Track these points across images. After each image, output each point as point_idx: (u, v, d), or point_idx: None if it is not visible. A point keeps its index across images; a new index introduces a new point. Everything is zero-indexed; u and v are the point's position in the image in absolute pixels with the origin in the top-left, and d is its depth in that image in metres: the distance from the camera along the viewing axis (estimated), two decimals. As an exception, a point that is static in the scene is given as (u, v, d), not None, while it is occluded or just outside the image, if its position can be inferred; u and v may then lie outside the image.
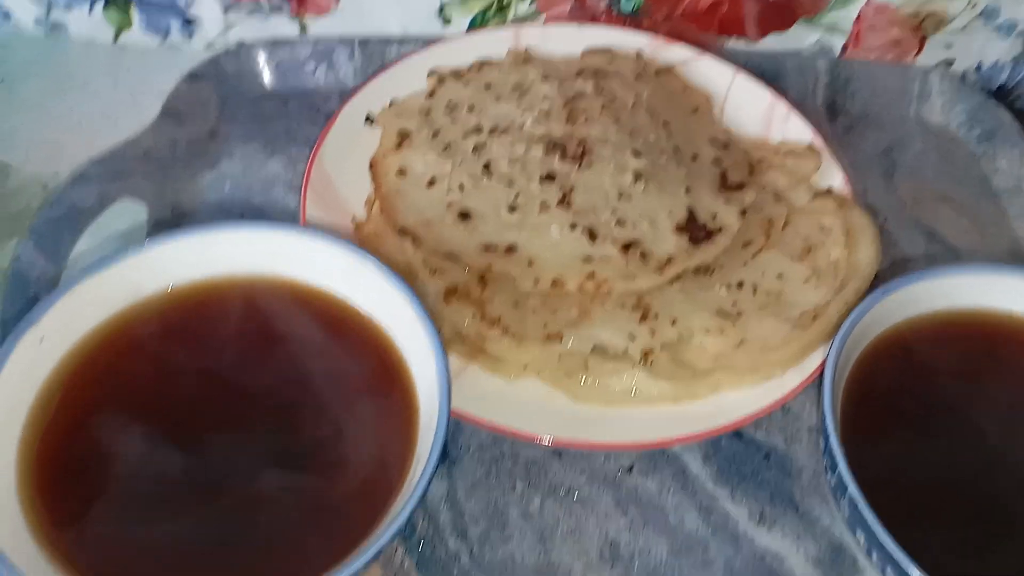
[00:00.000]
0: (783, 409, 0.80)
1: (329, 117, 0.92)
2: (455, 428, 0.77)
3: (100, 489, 0.62)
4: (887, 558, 0.58)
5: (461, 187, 0.83)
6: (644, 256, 0.79)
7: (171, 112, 0.96)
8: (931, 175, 1.00)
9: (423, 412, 0.66)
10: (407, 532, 0.71)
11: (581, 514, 0.73)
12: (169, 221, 0.88)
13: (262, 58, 1.02)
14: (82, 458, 0.64)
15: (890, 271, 0.89)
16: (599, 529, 0.72)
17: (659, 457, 0.76)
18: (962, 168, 1.01)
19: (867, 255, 0.83)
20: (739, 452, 0.77)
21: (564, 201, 0.82)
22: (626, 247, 0.79)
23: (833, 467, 0.63)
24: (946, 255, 0.92)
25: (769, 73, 1.03)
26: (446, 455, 0.75)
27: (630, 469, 0.76)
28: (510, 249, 0.79)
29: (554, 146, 0.86)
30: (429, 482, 0.60)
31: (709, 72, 1.00)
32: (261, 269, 0.73)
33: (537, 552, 0.71)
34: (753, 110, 0.97)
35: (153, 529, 0.62)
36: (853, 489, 0.60)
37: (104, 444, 0.65)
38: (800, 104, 1.02)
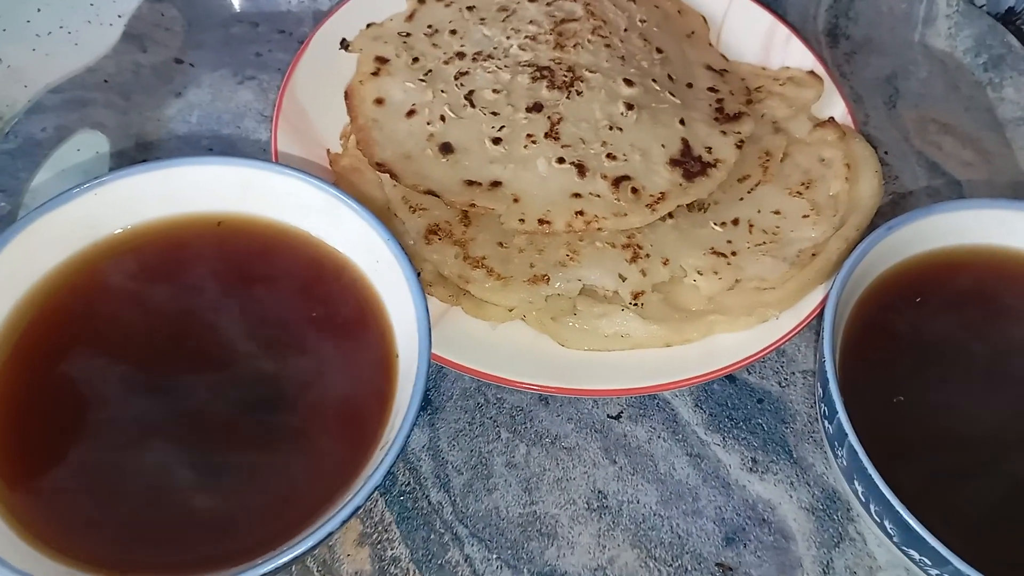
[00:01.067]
0: (778, 352, 0.77)
1: (303, 42, 0.87)
2: (438, 374, 0.74)
3: (64, 438, 0.59)
4: (886, 509, 0.56)
5: (442, 118, 0.78)
6: (636, 192, 0.75)
7: (133, 36, 0.90)
8: (935, 104, 0.96)
9: (402, 359, 0.62)
10: (387, 484, 0.68)
11: (568, 463, 0.70)
12: (132, 154, 0.83)
13: (230, -23, 0.96)
14: (43, 407, 0.60)
15: (890, 206, 0.86)
16: (586, 478, 0.70)
17: (649, 403, 0.73)
18: (967, 97, 0.96)
19: (869, 188, 0.79)
20: (731, 397, 0.75)
21: (552, 133, 0.77)
22: (617, 182, 0.75)
23: (831, 415, 0.60)
24: (949, 189, 0.89)
25: (768, -5, 0.98)
26: (428, 403, 0.72)
27: (618, 416, 0.73)
28: (494, 184, 0.75)
29: (541, 73, 0.81)
30: (408, 436, 0.57)
31: (705, -7, 0.94)
32: (230, 206, 0.68)
33: (522, 503, 0.68)
34: (752, 34, 0.92)
35: (126, 477, 0.59)
36: (853, 439, 0.57)
37: (67, 392, 0.61)
38: (800, 29, 0.97)
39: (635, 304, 0.72)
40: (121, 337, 0.64)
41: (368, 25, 0.88)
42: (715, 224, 0.77)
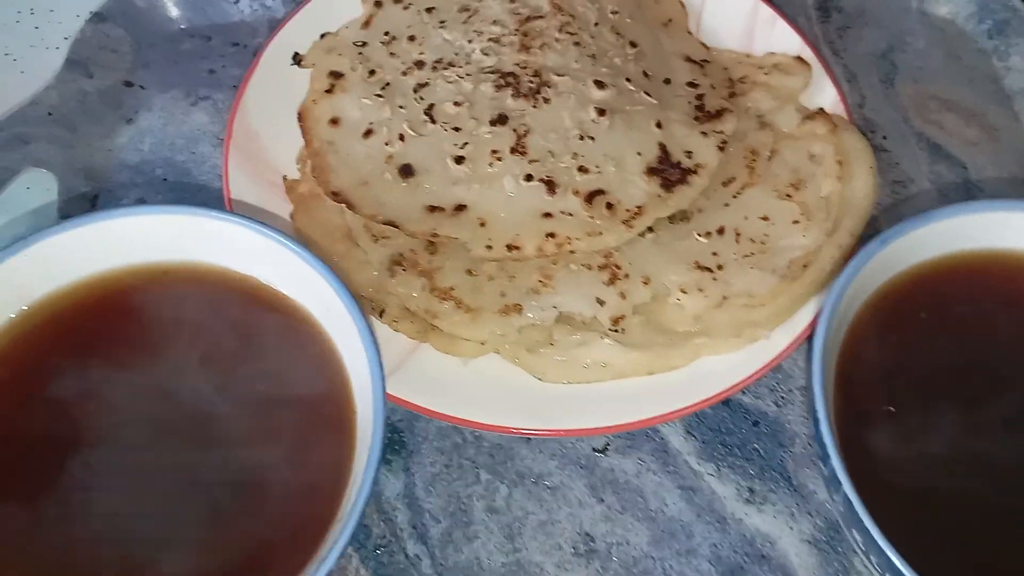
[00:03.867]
0: (772, 368, 0.72)
1: (257, 54, 0.82)
2: (410, 415, 0.69)
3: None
4: (887, 564, 0.52)
5: (402, 137, 0.73)
6: (610, 207, 0.70)
7: (77, 61, 0.85)
8: (935, 77, 0.89)
9: (360, 416, 0.58)
10: (361, 538, 0.65)
11: (552, 504, 0.66)
12: (82, 189, 0.79)
13: (177, -12, 0.90)
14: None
15: (891, 196, 0.81)
16: (572, 520, 0.66)
17: (636, 433, 0.69)
18: (970, 67, 0.90)
19: (863, 187, 0.73)
20: (725, 421, 0.70)
21: (518, 147, 0.72)
22: (590, 197, 0.70)
23: (824, 458, 0.55)
24: (953, 172, 0.83)
25: (752, -31, 0.91)
26: (402, 446, 0.68)
27: (604, 449, 0.69)
28: (459, 208, 0.70)
29: (506, 80, 0.75)
30: (366, 503, 0.53)
31: (683, -26, 0.88)
32: (174, 255, 0.64)
33: (505, 551, 0.65)
34: (734, 17, 0.85)
35: (68, 556, 0.55)
36: (848, 488, 0.52)
37: None
38: (788, 3, 0.91)
39: (615, 330, 0.68)
40: (60, 405, 0.60)
41: (322, 36, 0.82)
42: (699, 235, 0.72)
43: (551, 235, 0.68)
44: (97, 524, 0.55)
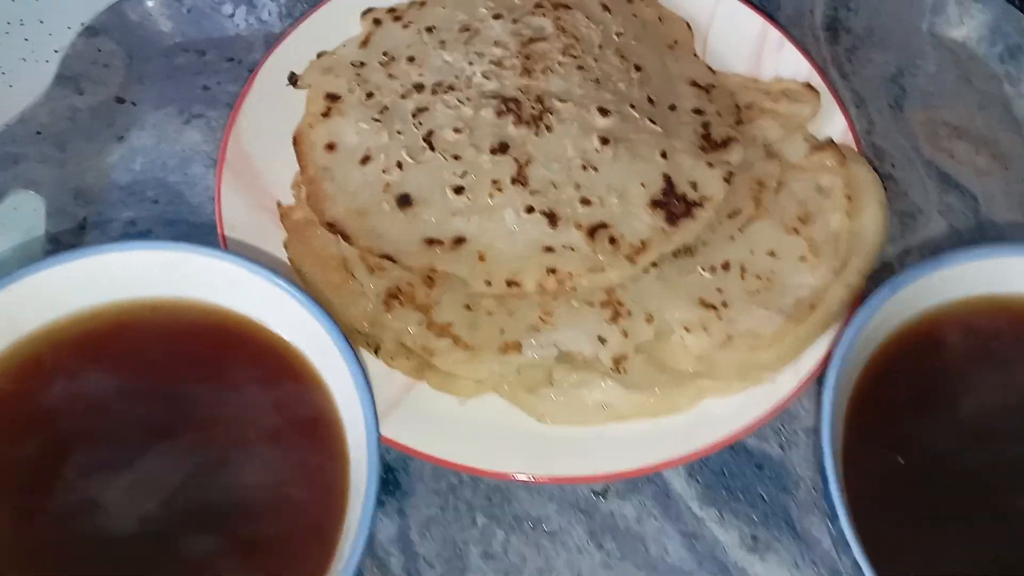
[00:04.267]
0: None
1: (252, 70, 0.80)
2: (406, 455, 0.67)
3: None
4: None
5: (400, 164, 0.71)
6: (613, 241, 0.68)
7: (68, 77, 0.83)
8: (945, 103, 0.87)
9: (354, 467, 0.56)
10: (353, 584, 0.63)
11: (550, 550, 0.65)
12: (72, 210, 0.77)
13: (170, 2, 0.87)
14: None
15: (899, 227, 0.79)
16: (570, 568, 0.64)
17: (637, 476, 0.67)
18: (981, 92, 0.88)
19: (873, 223, 0.71)
20: (728, 464, 0.68)
21: (519, 177, 0.70)
22: (592, 231, 0.68)
23: (833, 518, 0.53)
24: (963, 203, 0.81)
25: (761, -12, 0.89)
26: (397, 486, 0.67)
27: (604, 492, 0.67)
28: (458, 241, 0.68)
29: (507, 106, 0.73)
30: (361, 560, 0.51)
31: (690, -7, 0.86)
32: (162, 291, 0.62)
33: (501, 598, 0.63)
34: (741, 40, 0.83)
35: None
36: (858, 553, 0.50)
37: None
38: (796, 24, 0.89)
39: (617, 370, 0.66)
40: (46, 446, 0.58)
41: (319, 55, 0.80)
42: (703, 269, 0.70)
43: (552, 270, 0.67)
44: (79, 568, 0.53)
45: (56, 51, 0.85)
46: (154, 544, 0.55)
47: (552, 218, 0.68)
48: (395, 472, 0.67)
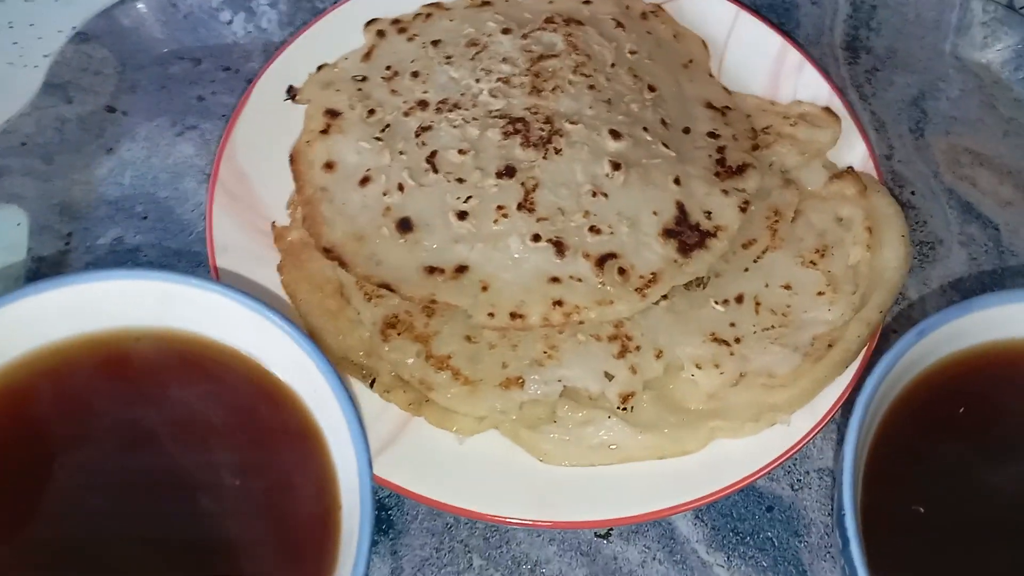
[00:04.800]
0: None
1: (251, 81, 0.77)
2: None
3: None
4: None
5: (401, 187, 0.68)
6: (623, 272, 0.65)
7: (56, 85, 0.80)
8: (968, 128, 0.84)
9: (346, 514, 0.53)
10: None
11: (550, 597, 0.62)
12: (56, 227, 0.74)
13: (165, 7, 0.84)
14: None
15: (918, 259, 0.76)
16: (571, 616, 0.61)
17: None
18: (1006, 119, 0.85)
19: (894, 257, 0.68)
20: (737, 505, 0.65)
21: (526, 203, 0.67)
22: (601, 261, 0.65)
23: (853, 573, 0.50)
24: (985, 234, 0.78)
25: (778, 5, 0.86)
26: (391, 525, 0.64)
27: (607, 535, 0.64)
28: (460, 270, 0.65)
29: (515, 127, 0.70)
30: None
31: (706, 11, 0.82)
32: (148, 321, 0.59)
33: (497, 648, 0.60)
34: (759, 60, 0.80)
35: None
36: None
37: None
38: (815, 43, 0.86)
39: (624, 408, 0.63)
40: (28, 477, 0.55)
41: (319, 68, 0.77)
42: (716, 302, 0.67)
43: (558, 303, 0.64)
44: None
45: (45, 56, 0.82)
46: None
47: (559, 247, 0.65)
48: (389, 511, 0.64)
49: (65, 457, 0.56)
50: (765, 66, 0.80)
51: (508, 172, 0.68)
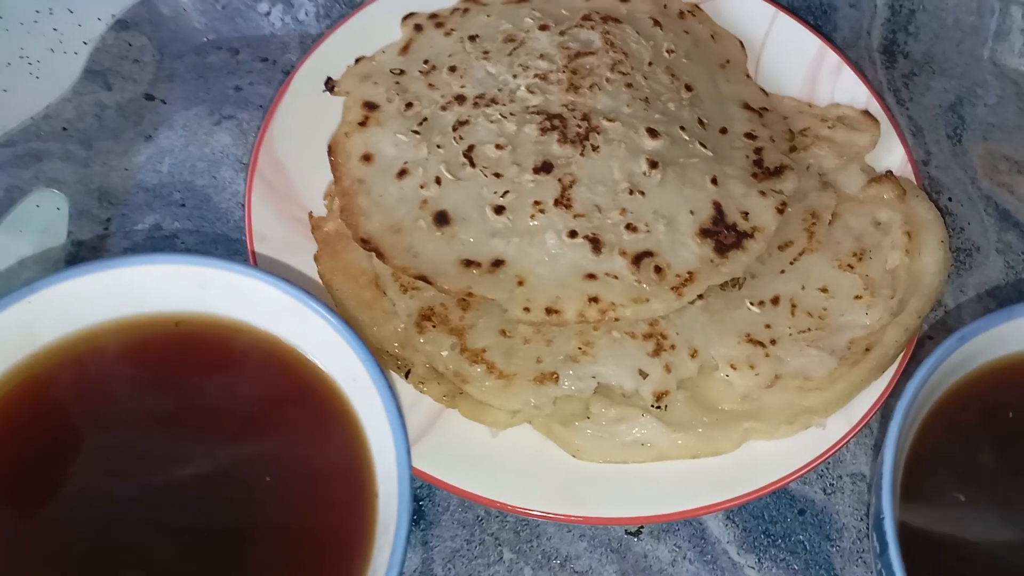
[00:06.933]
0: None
1: (288, 72, 0.77)
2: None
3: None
4: None
5: (438, 180, 0.68)
6: (659, 271, 0.65)
7: (96, 72, 0.80)
8: (1007, 135, 0.83)
9: (383, 501, 0.53)
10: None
11: (579, 592, 0.62)
12: (95, 212, 0.74)
13: (205, -3, 0.85)
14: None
15: (954, 266, 0.75)
16: (600, 612, 0.61)
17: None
18: (1045, 126, 0.84)
19: (934, 263, 0.68)
20: (768, 508, 0.65)
21: (563, 199, 0.67)
22: (637, 259, 0.65)
23: (889, 580, 0.50)
24: (1021, 243, 0.78)
25: (816, 7, 0.86)
26: (421, 516, 0.64)
27: (638, 532, 0.64)
28: (496, 264, 0.65)
29: (552, 123, 0.70)
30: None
31: (743, 11, 0.82)
32: (188, 306, 0.59)
33: (526, 642, 0.60)
34: (796, 61, 0.80)
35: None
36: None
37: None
38: (852, 46, 0.86)
39: (658, 406, 0.63)
40: (64, 462, 0.55)
41: (357, 60, 0.77)
42: (751, 304, 0.67)
43: (594, 299, 0.64)
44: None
45: (85, 43, 0.82)
46: (174, 566, 0.52)
47: (596, 244, 0.65)
48: (420, 502, 0.64)
49: (102, 441, 0.56)
50: (802, 68, 0.80)
51: (545, 168, 0.68)
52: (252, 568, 0.52)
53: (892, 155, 0.74)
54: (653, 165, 0.68)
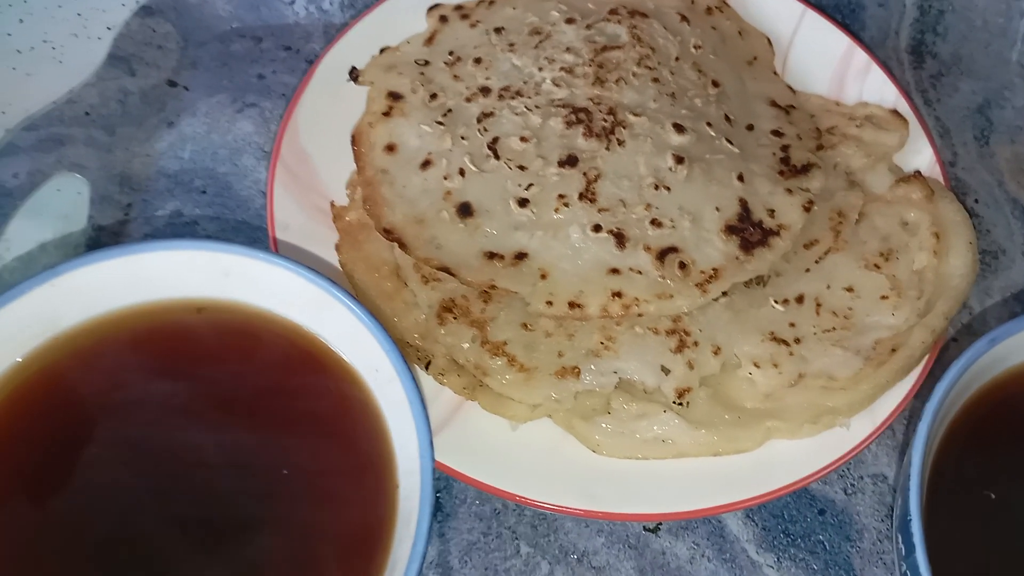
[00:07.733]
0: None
1: (311, 61, 0.77)
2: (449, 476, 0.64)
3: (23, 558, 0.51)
4: None
5: (462, 172, 0.68)
6: (684, 267, 0.64)
7: (120, 57, 0.80)
8: (1035, 138, 0.82)
9: (404, 493, 0.53)
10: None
11: (597, 588, 0.61)
12: (116, 197, 0.74)
13: (230, -15, 0.85)
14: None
15: (980, 270, 0.74)
16: (618, 609, 0.61)
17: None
18: (1073, 129, 0.83)
19: (961, 264, 0.67)
20: (788, 507, 0.65)
21: (587, 193, 0.66)
22: (662, 255, 0.64)
23: (914, 584, 0.50)
24: (1049, 247, 0.76)
25: (844, 6, 0.85)
26: (439, 507, 0.63)
27: (656, 529, 0.63)
28: (519, 257, 0.65)
29: (577, 117, 0.70)
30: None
31: (771, 8, 0.82)
32: (210, 292, 0.59)
33: (543, 638, 0.60)
34: (824, 60, 0.79)
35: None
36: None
37: (23, 515, 0.53)
38: (880, 45, 0.85)
39: (679, 403, 0.62)
40: (85, 448, 0.55)
41: (382, 50, 0.76)
42: (776, 302, 0.66)
43: (617, 294, 0.63)
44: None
45: (109, 29, 0.82)
46: (192, 557, 0.52)
47: (620, 238, 0.65)
48: (438, 493, 0.64)
49: (120, 426, 0.56)
50: (830, 66, 0.79)
51: (570, 161, 0.67)
52: (272, 559, 0.52)
53: (920, 156, 0.74)
54: (679, 160, 0.67)
